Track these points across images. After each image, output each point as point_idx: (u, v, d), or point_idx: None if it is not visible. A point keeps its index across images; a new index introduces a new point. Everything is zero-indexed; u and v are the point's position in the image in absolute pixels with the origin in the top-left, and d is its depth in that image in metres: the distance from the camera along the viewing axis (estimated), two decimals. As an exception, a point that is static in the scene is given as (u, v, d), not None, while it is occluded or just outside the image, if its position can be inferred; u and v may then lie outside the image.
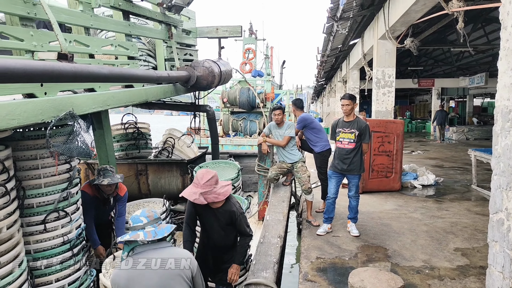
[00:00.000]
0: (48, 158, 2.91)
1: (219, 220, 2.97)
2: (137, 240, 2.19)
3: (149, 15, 4.06)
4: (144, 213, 2.32)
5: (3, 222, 2.48)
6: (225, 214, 2.95)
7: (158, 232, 2.25)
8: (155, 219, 2.32)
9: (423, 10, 5.70)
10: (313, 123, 5.45)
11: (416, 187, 6.92)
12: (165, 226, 2.34)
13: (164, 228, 2.30)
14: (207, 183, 2.78)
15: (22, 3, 2.26)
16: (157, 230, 2.26)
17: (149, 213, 2.33)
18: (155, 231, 2.25)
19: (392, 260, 3.76)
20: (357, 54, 11.07)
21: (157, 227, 2.29)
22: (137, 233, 2.22)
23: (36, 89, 2.25)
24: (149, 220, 2.28)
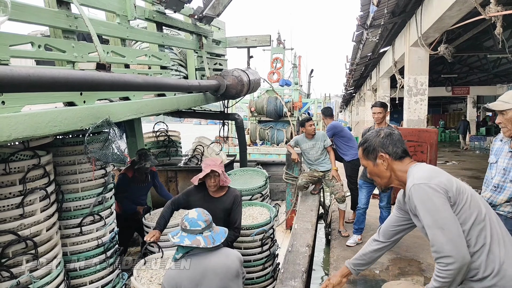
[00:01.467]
0: (85, 164, 3.03)
1: (216, 211, 3.04)
2: (198, 246, 2.25)
3: (181, 26, 4.18)
4: (201, 216, 2.36)
5: (43, 224, 2.59)
6: (227, 201, 3.15)
7: (216, 237, 2.31)
8: (210, 222, 2.37)
9: (458, 15, 5.54)
10: (343, 131, 5.39)
11: (451, 198, 6.65)
12: (219, 230, 2.39)
13: (219, 233, 2.36)
14: (221, 164, 3.07)
15: (65, 17, 2.39)
16: (214, 235, 2.32)
17: (205, 216, 2.37)
18: (212, 236, 2.30)
19: (426, 274, 3.61)
20: (387, 62, 10.87)
21: (212, 231, 2.34)
22: (196, 238, 2.26)
23: (76, 98, 2.37)
24: (206, 225, 2.33)
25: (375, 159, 1.84)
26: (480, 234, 1.56)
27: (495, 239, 1.57)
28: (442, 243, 1.54)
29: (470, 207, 1.58)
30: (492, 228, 1.58)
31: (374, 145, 1.83)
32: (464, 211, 1.57)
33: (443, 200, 1.56)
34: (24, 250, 2.45)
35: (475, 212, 1.58)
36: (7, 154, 2.39)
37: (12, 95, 1.87)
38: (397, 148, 1.80)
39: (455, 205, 1.58)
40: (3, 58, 1.91)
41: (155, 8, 3.63)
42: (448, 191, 1.58)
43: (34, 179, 2.53)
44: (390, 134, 1.84)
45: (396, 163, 1.79)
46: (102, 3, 2.79)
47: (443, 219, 1.55)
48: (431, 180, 1.60)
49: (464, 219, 1.57)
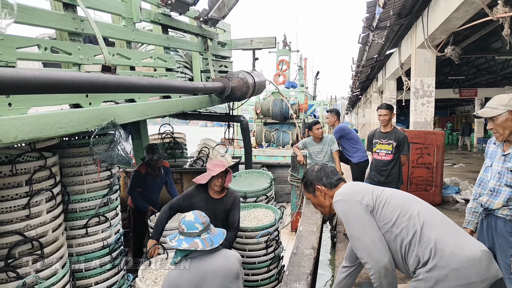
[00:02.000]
0: (91, 165, 3.06)
1: (216, 213, 3.11)
2: (196, 249, 2.24)
3: (187, 28, 4.20)
4: (198, 219, 2.36)
5: (49, 225, 2.61)
6: (228, 202, 3.20)
7: (213, 239, 2.30)
8: (208, 225, 2.36)
9: (465, 17, 5.49)
10: (350, 133, 5.38)
11: (459, 201, 6.58)
12: (217, 232, 2.38)
13: (217, 235, 2.35)
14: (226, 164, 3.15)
15: (71, 20, 2.41)
16: (212, 237, 2.31)
17: (202, 218, 2.37)
18: (210, 238, 2.29)
19: (433, 278, 3.57)
20: (393, 63, 10.81)
21: (210, 233, 2.33)
22: (194, 241, 2.26)
23: (81, 100, 2.38)
24: (203, 227, 2.32)
25: (314, 192, 2.08)
26: (409, 224, 1.73)
27: (426, 224, 1.72)
28: (360, 252, 1.79)
29: (390, 205, 1.80)
30: (421, 215, 1.75)
31: (311, 180, 2.08)
32: (386, 210, 1.80)
33: (358, 211, 1.79)
34: (30, 250, 2.47)
35: (397, 207, 1.79)
36: (13, 156, 2.42)
37: (19, 97, 1.89)
38: (330, 179, 2.05)
39: (375, 209, 1.81)
40: (10, 61, 1.93)
41: (161, 10, 3.65)
42: (363, 200, 1.82)
43: (40, 180, 2.55)
44: (322, 168, 2.11)
45: (332, 191, 2.01)
46: (108, 6, 2.81)
47: (357, 230, 1.78)
48: (347, 195, 1.86)
49: (389, 216, 1.78)
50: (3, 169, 2.37)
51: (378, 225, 1.78)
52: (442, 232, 1.71)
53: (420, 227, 1.72)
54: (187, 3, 3.65)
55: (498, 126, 2.33)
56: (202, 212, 2.47)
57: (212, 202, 3.18)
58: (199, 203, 3.15)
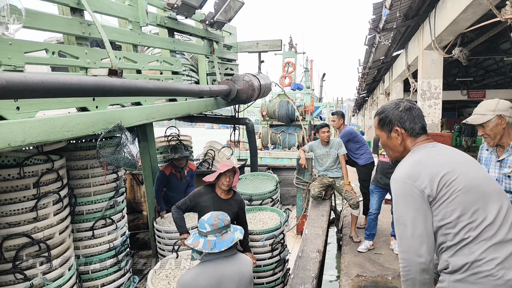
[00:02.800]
0: (97, 168, 3.08)
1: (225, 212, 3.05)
2: (195, 248, 2.22)
3: (192, 31, 4.22)
4: (210, 220, 2.32)
5: (56, 227, 2.64)
6: (235, 203, 3.25)
7: (218, 244, 2.23)
8: (219, 228, 2.29)
9: (473, 18, 5.44)
10: (357, 136, 5.39)
11: (467, 204, 6.51)
12: (227, 238, 2.29)
13: (225, 241, 2.26)
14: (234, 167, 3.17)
15: (78, 24, 2.44)
16: (218, 242, 2.24)
17: (215, 220, 2.31)
18: (215, 242, 2.23)
19: (440, 282, 3.54)
20: (400, 65, 10.75)
21: (219, 237, 2.26)
22: (199, 240, 2.25)
23: (88, 103, 2.41)
24: (212, 229, 2.28)
25: (390, 132, 1.77)
26: (460, 232, 1.50)
27: (483, 238, 1.48)
28: (401, 239, 1.58)
29: (453, 202, 1.51)
30: (485, 228, 1.49)
31: (391, 118, 1.75)
32: (444, 207, 1.53)
33: (415, 200, 1.55)
34: (37, 252, 2.50)
35: (459, 208, 1.51)
36: (21, 159, 2.45)
37: (27, 101, 1.92)
38: (414, 124, 1.72)
39: (435, 200, 1.54)
40: (18, 65, 1.96)
41: (167, 14, 3.67)
42: (425, 189, 1.54)
43: (47, 183, 2.58)
44: (409, 109, 1.74)
45: (411, 139, 1.73)
46: (114, 10, 2.84)
47: (406, 216, 1.56)
48: (410, 178, 1.58)
49: (443, 214, 1.53)
50: (11, 172, 2.40)
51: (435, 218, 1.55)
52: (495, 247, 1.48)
53: (471, 240, 1.49)
54: (193, 6, 3.67)
55: (489, 132, 2.29)
56: (223, 215, 2.39)
57: (219, 202, 3.21)
58: (206, 203, 3.17)
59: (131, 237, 3.64)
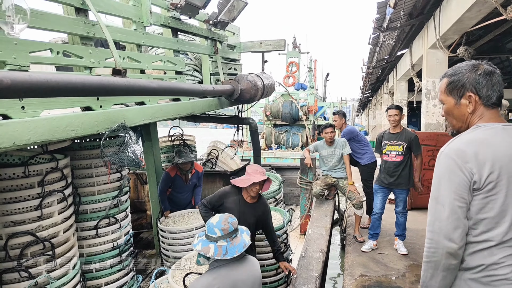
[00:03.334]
0: (101, 167, 3.10)
1: (246, 217, 3.05)
2: (205, 255, 2.12)
3: (196, 31, 4.23)
4: (220, 224, 2.20)
5: (60, 226, 2.66)
6: (259, 208, 3.15)
7: (229, 249, 2.14)
8: (230, 232, 2.19)
9: (478, 16, 5.41)
10: (359, 135, 5.37)
11: (471, 204, 6.47)
12: (238, 243, 2.19)
13: (236, 246, 2.17)
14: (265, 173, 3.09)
15: (82, 24, 2.46)
16: (229, 247, 2.14)
17: (225, 224, 2.20)
18: (226, 247, 2.14)
19: (444, 282, 3.51)
20: (405, 64, 10.71)
21: (230, 241, 2.17)
22: (209, 246, 2.14)
23: (92, 103, 2.42)
24: (222, 234, 2.16)
25: (460, 98, 1.52)
26: (489, 232, 1.38)
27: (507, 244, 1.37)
28: (434, 219, 1.44)
29: (496, 201, 1.37)
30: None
31: (465, 81, 1.50)
32: (485, 201, 1.38)
33: (460, 182, 1.38)
34: (42, 251, 2.52)
35: (499, 208, 1.36)
36: (26, 157, 2.47)
37: (32, 100, 1.94)
38: (492, 92, 1.48)
39: (479, 189, 1.38)
40: (23, 64, 1.98)
41: (171, 14, 3.69)
42: (475, 174, 1.37)
43: (52, 181, 2.60)
44: (490, 73, 1.48)
45: (483, 109, 1.49)
46: (118, 10, 2.85)
47: (446, 196, 1.41)
48: (461, 156, 1.39)
49: (481, 207, 1.39)
50: (16, 171, 2.42)
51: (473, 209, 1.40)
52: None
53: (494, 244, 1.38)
54: (197, 6, 3.68)
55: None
56: (232, 218, 2.30)
57: (245, 206, 3.09)
58: (231, 205, 3.07)
59: (134, 237, 3.66)
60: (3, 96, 1.61)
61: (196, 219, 4.23)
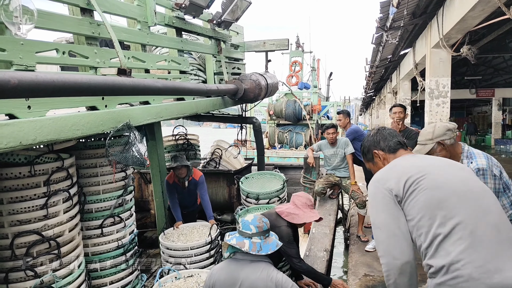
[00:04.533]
0: (106, 167, 3.11)
1: None
2: (241, 248, 2.17)
3: (200, 31, 4.24)
4: (255, 221, 2.27)
5: (66, 225, 2.67)
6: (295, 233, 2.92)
7: (263, 246, 2.20)
8: (264, 231, 2.26)
9: (481, 16, 5.38)
10: (363, 135, 5.36)
11: (475, 204, 6.44)
12: (272, 241, 2.26)
13: (270, 244, 2.23)
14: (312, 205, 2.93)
15: (88, 24, 2.47)
16: (263, 244, 2.21)
17: (260, 222, 2.27)
18: (260, 244, 2.20)
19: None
20: (408, 64, 10.67)
21: (263, 239, 2.23)
22: (244, 241, 2.20)
23: (98, 102, 2.44)
24: (257, 231, 2.23)
25: (373, 159, 1.88)
26: (430, 230, 1.48)
27: (456, 237, 1.43)
28: (378, 243, 1.60)
29: (419, 200, 1.52)
30: (457, 226, 1.44)
31: (368, 146, 1.89)
32: (412, 207, 1.54)
33: (385, 201, 1.60)
34: (47, 250, 2.54)
35: (426, 205, 1.51)
36: (32, 157, 2.49)
37: (38, 100, 1.95)
38: (388, 141, 1.83)
39: (403, 201, 1.57)
40: (30, 65, 1.99)
41: (175, 14, 3.69)
42: (393, 190, 1.59)
43: (57, 181, 2.61)
44: (378, 131, 1.89)
45: (391, 156, 1.81)
46: (123, 10, 2.86)
47: (381, 220, 1.60)
48: (380, 181, 1.66)
49: (412, 214, 1.54)
50: (22, 170, 2.44)
51: (406, 219, 1.54)
52: (472, 248, 1.40)
53: (442, 239, 1.44)
54: (201, 6, 3.69)
55: (438, 156, 2.29)
56: (265, 218, 2.35)
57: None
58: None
59: (138, 236, 3.67)
60: (10, 96, 1.62)
61: (203, 235, 4.00)
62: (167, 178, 4.54)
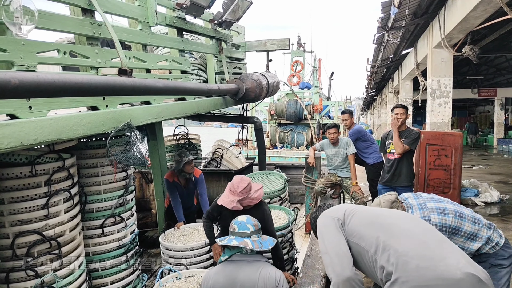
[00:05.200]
0: (107, 166, 3.11)
1: None
2: (245, 247, 2.22)
3: (201, 31, 4.23)
4: (251, 220, 2.36)
5: (67, 224, 2.68)
6: (258, 214, 2.91)
7: (263, 243, 2.29)
8: (260, 228, 2.36)
9: (483, 16, 5.37)
10: (366, 135, 5.36)
11: (478, 204, 6.44)
12: (267, 238, 2.36)
13: (267, 240, 2.34)
14: (243, 191, 2.82)
15: (89, 25, 2.47)
16: (262, 241, 2.30)
17: (254, 221, 2.38)
18: (260, 241, 2.28)
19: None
20: (409, 64, 10.65)
21: (260, 237, 2.32)
22: (245, 240, 2.26)
23: (99, 102, 2.44)
24: (255, 229, 2.32)
25: None
26: (372, 235, 1.76)
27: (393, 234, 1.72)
28: (326, 267, 1.87)
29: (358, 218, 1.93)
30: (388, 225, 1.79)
31: (313, 221, 2.26)
32: (354, 223, 1.91)
33: (329, 226, 1.93)
34: (48, 250, 2.54)
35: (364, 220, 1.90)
36: (33, 157, 2.49)
37: (39, 100, 1.95)
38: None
39: (344, 224, 1.94)
40: (31, 65, 2.00)
41: (176, 14, 3.69)
42: (339, 219, 1.96)
43: (58, 181, 2.62)
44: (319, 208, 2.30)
45: None
46: (124, 11, 2.86)
47: (326, 244, 1.89)
48: (325, 213, 2.07)
49: (355, 230, 1.87)
50: (23, 170, 2.44)
51: (348, 239, 1.85)
52: (412, 243, 1.61)
53: (384, 239, 1.69)
54: (202, 6, 3.69)
55: None
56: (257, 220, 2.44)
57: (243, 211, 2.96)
58: (229, 212, 2.98)
59: (139, 235, 3.67)
60: (11, 96, 1.62)
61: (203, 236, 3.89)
62: (167, 176, 4.46)
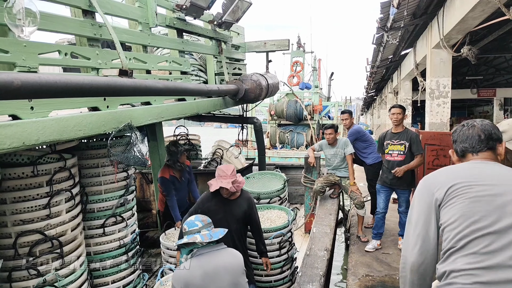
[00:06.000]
0: (108, 167, 3.14)
1: (233, 213, 3.19)
2: (195, 242, 2.36)
3: (201, 32, 4.26)
4: (198, 217, 2.50)
5: (68, 224, 2.70)
6: (243, 202, 3.25)
7: (214, 234, 2.41)
8: (208, 223, 2.49)
9: (482, 16, 5.39)
10: (365, 135, 5.38)
11: (476, 204, 6.44)
12: (218, 230, 2.49)
13: (218, 232, 2.46)
14: (232, 173, 3.14)
15: (90, 26, 2.49)
16: (212, 233, 2.42)
17: (202, 217, 2.51)
18: (210, 234, 2.41)
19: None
20: (409, 64, 10.68)
21: (210, 230, 2.45)
22: (194, 236, 2.38)
23: (99, 103, 2.46)
24: (203, 224, 2.45)
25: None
26: (453, 238, 1.48)
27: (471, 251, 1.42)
28: (405, 237, 1.66)
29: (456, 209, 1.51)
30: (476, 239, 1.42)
31: (455, 138, 1.77)
32: (447, 211, 1.54)
33: (424, 198, 1.62)
34: (50, 249, 2.57)
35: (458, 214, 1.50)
36: (35, 157, 2.51)
37: (40, 101, 1.97)
38: (458, 145, 1.73)
39: (442, 204, 1.57)
40: (33, 66, 2.02)
41: (176, 15, 3.72)
42: (435, 193, 1.58)
43: (60, 181, 2.64)
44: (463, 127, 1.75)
45: (458, 159, 1.76)
46: (125, 12, 2.89)
47: (413, 215, 1.64)
48: (426, 181, 1.67)
49: (444, 217, 1.54)
50: (25, 170, 2.47)
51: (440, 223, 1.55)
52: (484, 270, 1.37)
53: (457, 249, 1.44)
54: (202, 7, 3.71)
55: None
56: (204, 216, 2.58)
57: (229, 203, 3.23)
58: (216, 206, 3.20)
59: (140, 235, 3.70)
60: (13, 97, 1.65)
61: None
62: (162, 174, 4.34)
